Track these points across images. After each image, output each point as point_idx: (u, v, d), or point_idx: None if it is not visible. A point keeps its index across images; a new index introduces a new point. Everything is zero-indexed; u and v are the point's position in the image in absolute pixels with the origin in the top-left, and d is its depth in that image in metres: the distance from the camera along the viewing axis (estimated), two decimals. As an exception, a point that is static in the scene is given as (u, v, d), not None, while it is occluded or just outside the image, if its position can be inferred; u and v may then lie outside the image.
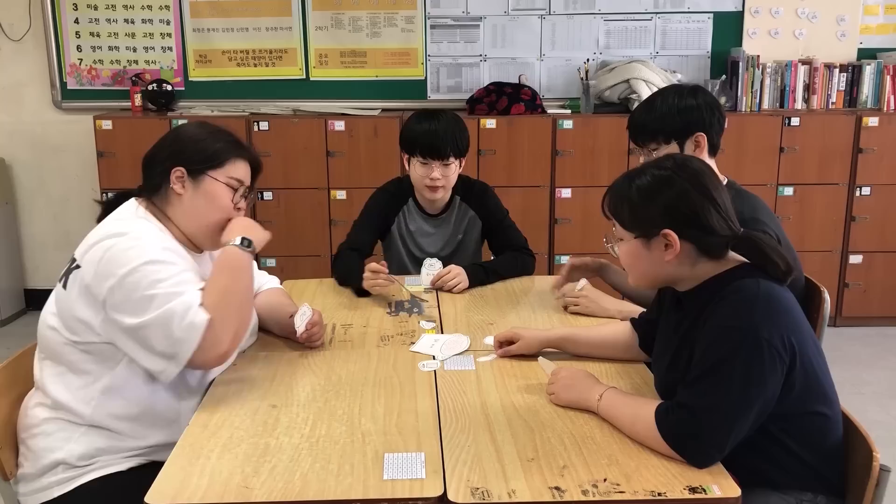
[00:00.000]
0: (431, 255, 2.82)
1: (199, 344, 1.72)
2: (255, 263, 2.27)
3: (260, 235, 1.94)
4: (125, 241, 1.77)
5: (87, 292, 1.76)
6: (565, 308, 2.40)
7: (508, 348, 2.03)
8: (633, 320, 2.02)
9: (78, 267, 1.79)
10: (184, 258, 1.87)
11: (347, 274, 2.61)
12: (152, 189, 1.92)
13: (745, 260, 1.65)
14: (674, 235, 1.61)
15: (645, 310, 2.05)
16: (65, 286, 1.81)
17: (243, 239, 1.88)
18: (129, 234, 1.79)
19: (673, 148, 2.23)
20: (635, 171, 1.70)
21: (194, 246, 1.96)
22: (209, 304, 1.76)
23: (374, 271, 2.48)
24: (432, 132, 2.68)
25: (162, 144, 1.96)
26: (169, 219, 1.92)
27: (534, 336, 2.05)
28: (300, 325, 2.03)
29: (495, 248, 2.89)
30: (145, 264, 1.73)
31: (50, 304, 1.85)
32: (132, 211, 1.90)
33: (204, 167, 1.90)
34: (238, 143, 1.98)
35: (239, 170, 1.95)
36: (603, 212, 1.76)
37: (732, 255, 1.66)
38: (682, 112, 2.24)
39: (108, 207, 1.95)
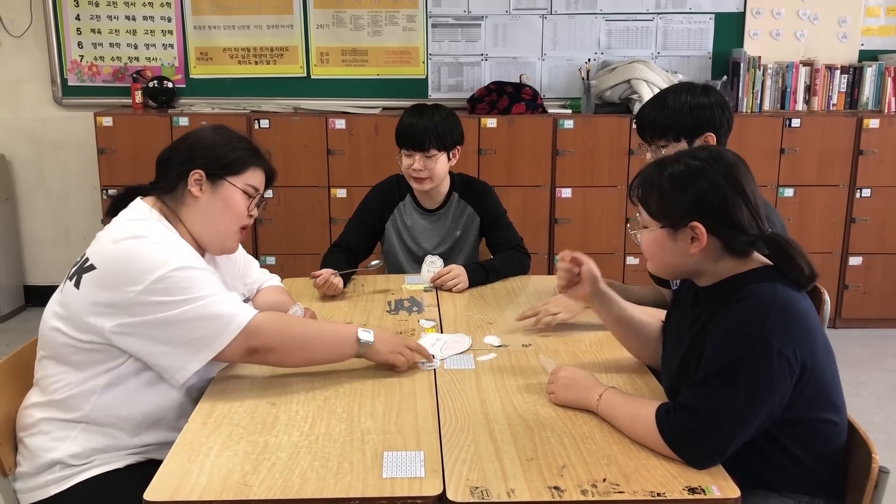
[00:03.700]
0: (428, 251, 2.84)
1: (242, 331, 1.73)
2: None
3: (386, 350, 1.90)
4: (148, 247, 1.75)
5: (103, 295, 1.73)
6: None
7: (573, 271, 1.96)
8: (663, 326, 1.95)
9: (93, 267, 1.76)
10: (203, 263, 1.86)
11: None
12: (166, 189, 1.91)
13: (768, 261, 1.63)
14: (701, 228, 1.58)
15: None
16: (77, 285, 1.77)
17: (368, 334, 1.87)
18: (148, 238, 1.78)
19: (682, 146, 2.21)
20: (668, 159, 1.67)
21: (198, 248, 1.95)
22: (271, 312, 1.82)
23: (319, 285, 2.50)
24: (414, 124, 2.73)
25: (181, 146, 1.93)
26: (179, 220, 1.91)
27: (591, 276, 1.95)
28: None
29: (491, 246, 2.91)
30: (174, 270, 1.72)
31: (54, 304, 1.83)
32: (144, 211, 1.88)
33: (224, 172, 1.90)
34: (257, 152, 1.97)
35: (256, 178, 1.96)
36: (629, 197, 1.73)
37: (756, 255, 1.64)
38: (694, 110, 2.22)
39: (116, 204, 1.94)
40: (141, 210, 1.88)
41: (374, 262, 2.68)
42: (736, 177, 1.59)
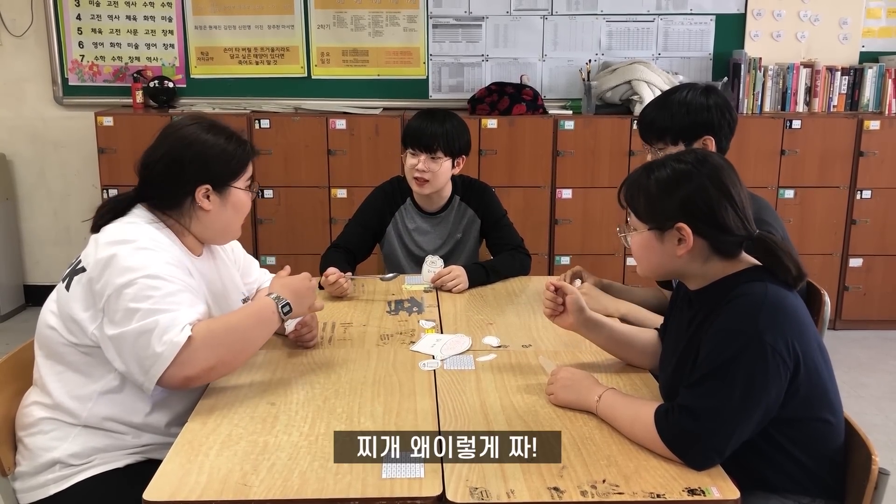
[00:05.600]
0: (429, 253, 2.83)
1: (174, 360, 1.68)
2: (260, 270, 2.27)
3: (304, 306, 1.94)
4: (130, 251, 1.74)
5: (88, 297, 1.75)
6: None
7: (558, 301, 1.98)
8: (659, 330, 1.98)
9: (83, 269, 1.77)
10: (187, 274, 1.84)
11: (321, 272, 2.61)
12: (170, 205, 1.88)
13: (757, 262, 1.64)
14: (688, 230, 1.60)
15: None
16: (67, 287, 1.79)
17: (286, 304, 1.88)
18: (136, 243, 1.76)
19: (679, 149, 2.20)
20: (655, 163, 1.68)
21: (197, 247, 1.95)
22: (206, 328, 1.73)
23: (331, 282, 2.48)
24: (424, 126, 2.74)
25: (179, 160, 1.86)
26: (182, 227, 1.90)
27: (577, 307, 1.96)
28: (290, 323, 2.03)
29: (492, 247, 2.91)
30: (144, 277, 1.71)
31: (50, 304, 1.84)
32: (143, 216, 1.87)
33: (228, 180, 1.91)
34: (247, 146, 1.96)
35: (251, 169, 1.97)
36: (619, 200, 1.74)
37: (745, 255, 1.65)
38: (692, 112, 2.20)
39: (105, 213, 1.87)
40: (140, 213, 1.87)
41: (389, 276, 2.62)
42: (721, 179, 1.61)
